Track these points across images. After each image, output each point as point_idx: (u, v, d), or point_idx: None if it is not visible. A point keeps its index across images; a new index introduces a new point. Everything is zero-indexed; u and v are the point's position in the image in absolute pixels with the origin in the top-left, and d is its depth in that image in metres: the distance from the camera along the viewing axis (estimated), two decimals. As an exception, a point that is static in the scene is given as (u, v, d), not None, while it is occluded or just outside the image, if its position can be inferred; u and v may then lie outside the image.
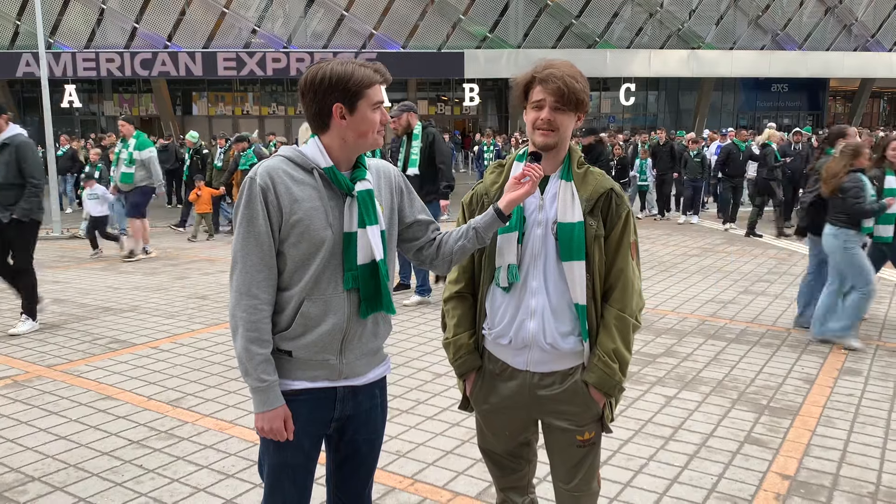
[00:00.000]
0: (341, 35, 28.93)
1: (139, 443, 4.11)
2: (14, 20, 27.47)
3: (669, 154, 14.16)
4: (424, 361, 5.53)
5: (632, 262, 2.28)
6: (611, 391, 2.28)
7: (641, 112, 34.39)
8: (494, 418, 2.43)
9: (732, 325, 6.56)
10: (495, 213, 2.16)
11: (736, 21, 31.29)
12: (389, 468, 3.76)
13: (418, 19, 29.26)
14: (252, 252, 2.02)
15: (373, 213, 2.08)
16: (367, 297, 2.10)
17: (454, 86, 32.55)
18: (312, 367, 2.10)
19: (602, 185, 2.27)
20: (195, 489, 3.58)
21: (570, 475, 2.39)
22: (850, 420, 4.42)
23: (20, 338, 6.26)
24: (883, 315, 6.94)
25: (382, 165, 2.24)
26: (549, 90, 2.16)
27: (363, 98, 2.02)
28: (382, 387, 2.30)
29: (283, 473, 2.15)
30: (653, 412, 4.53)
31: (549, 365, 2.29)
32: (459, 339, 2.40)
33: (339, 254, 2.06)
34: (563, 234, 2.21)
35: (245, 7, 28.91)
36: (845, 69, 32.11)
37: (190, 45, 28.02)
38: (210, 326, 6.64)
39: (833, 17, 31.82)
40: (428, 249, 2.28)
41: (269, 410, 2.04)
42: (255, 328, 2.01)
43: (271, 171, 2.03)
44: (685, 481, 3.65)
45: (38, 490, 3.56)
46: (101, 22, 28.18)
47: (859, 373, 5.28)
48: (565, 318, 2.26)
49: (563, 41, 29.84)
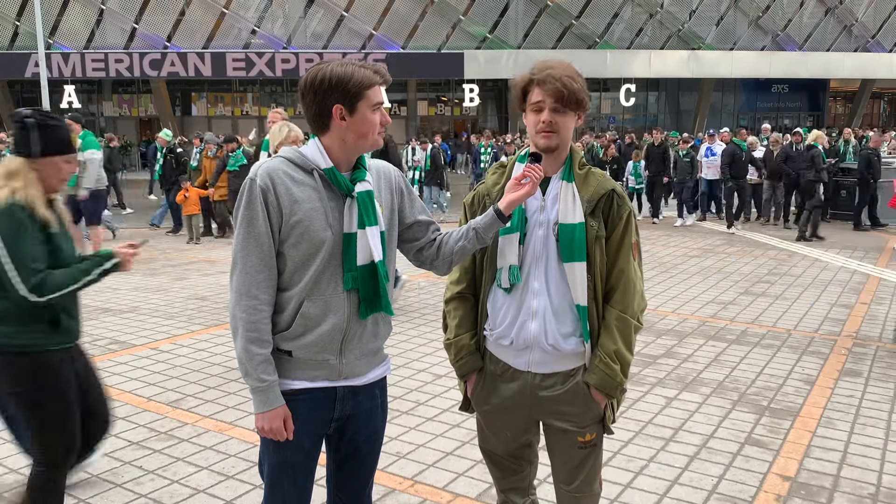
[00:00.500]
0: (341, 35, 28.91)
1: (139, 444, 4.10)
2: (13, 21, 27.47)
3: (662, 156, 14.03)
4: (425, 362, 5.53)
5: (633, 262, 2.28)
6: (612, 392, 2.27)
7: (641, 113, 34.37)
8: (495, 419, 2.42)
9: (733, 327, 6.56)
10: (495, 214, 2.16)
11: (736, 22, 31.28)
12: (389, 469, 3.76)
13: (418, 20, 29.24)
14: (252, 253, 2.02)
15: (372, 214, 2.08)
16: (366, 297, 2.10)
17: (454, 86, 32.54)
18: (312, 367, 2.10)
19: (603, 185, 2.27)
20: (195, 490, 3.57)
21: (572, 476, 2.38)
22: (851, 421, 4.42)
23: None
24: (883, 316, 6.94)
25: (382, 166, 2.24)
26: (547, 92, 2.15)
27: (363, 99, 2.02)
28: (383, 387, 2.30)
29: (282, 473, 2.15)
30: (653, 413, 4.52)
31: (550, 366, 2.29)
32: (461, 340, 2.40)
33: (339, 254, 2.06)
34: (564, 235, 2.21)
35: (245, 7, 28.90)
36: (846, 70, 32.10)
37: (189, 46, 28.01)
38: (210, 327, 6.63)
39: (833, 17, 31.81)
40: (428, 250, 2.28)
41: (269, 410, 2.04)
42: (254, 328, 2.02)
43: (271, 171, 2.03)
44: (685, 482, 3.65)
45: (37, 491, 3.55)
46: (101, 22, 28.17)
47: (860, 374, 5.27)
48: (567, 319, 2.25)
49: (563, 42, 29.83)
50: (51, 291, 2.53)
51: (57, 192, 2.76)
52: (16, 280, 2.48)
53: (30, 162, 2.63)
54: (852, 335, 6.28)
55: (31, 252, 2.52)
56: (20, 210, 2.53)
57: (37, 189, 2.62)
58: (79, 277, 2.62)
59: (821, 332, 6.36)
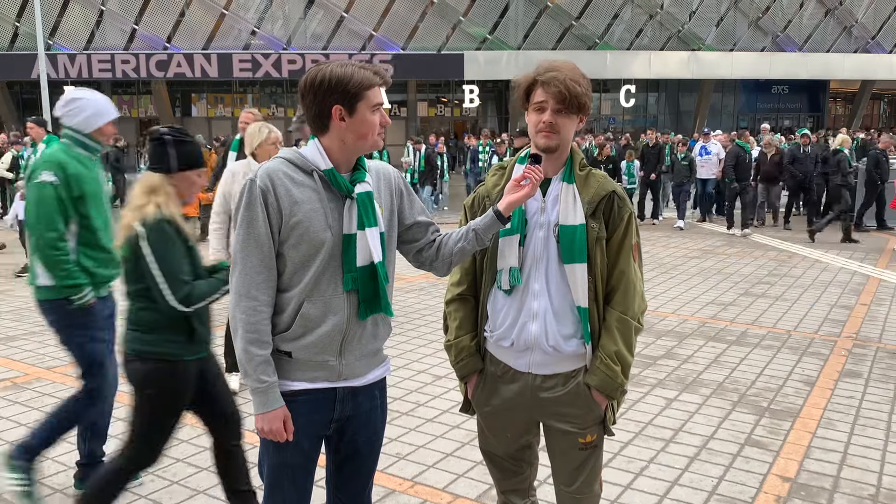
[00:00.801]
0: (341, 37, 28.92)
1: (138, 445, 4.10)
2: (13, 22, 27.47)
3: (657, 157, 13.90)
4: (424, 364, 5.52)
5: (633, 264, 2.27)
6: (613, 393, 2.27)
7: (642, 114, 34.36)
8: (496, 420, 2.42)
9: (733, 328, 6.56)
10: (495, 216, 2.16)
11: (736, 23, 31.28)
12: (389, 470, 3.75)
13: (418, 21, 29.25)
14: (252, 254, 2.01)
15: (372, 216, 2.08)
16: (365, 298, 2.10)
17: (454, 87, 32.55)
18: (312, 368, 2.10)
19: (604, 187, 2.26)
20: (194, 491, 3.57)
21: (572, 478, 2.38)
22: (851, 422, 4.42)
23: (19, 340, 6.25)
24: (883, 317, 6.94)
25: (382, 167, 2.24)
26: (550, 93, 2.15)
27: (362, 100, 2.02)
28: (382, 388, 2.30)
29: (282, 474, 2.15)
30: (653, 414, 4.52)
31: (551, 367, 2.28)
32: (461, 342, 2.40)
33: (339, 255, 2.06)
34: (565, 237, 2.21)
35: (244, 8, 28.91)
36: (845, 71, 32.11)
37: (190, 47, 28.02)
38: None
39: (833, 18, 31.82)
40: (428, 251, 2.28)
41: (269, 411, 2.04)
42: (254, 329, 2.02)
43: (271, 173, 2.03)
44: (685, 483, 3.65)
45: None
46: (101, 23, 28.18)
47: (860, 375, 5.27)
48: (567, 321, 2.25)
49: (563, 43, 29.83)
50: (196, 302, 2.72)
51: (188, 205, 2.92)
52: (166, 291, 2.66)
53: (167, 177, 2.77)
54: (852, 336, 6.28)
55: (179, 265, 2.70)
56: (167, 224, 2.70)
57: (175, 203, 2.77)
58: (218, 287, 2.78)
59: (821, 334, 6.36)
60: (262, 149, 4.67)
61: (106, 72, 27.78)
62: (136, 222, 2.69)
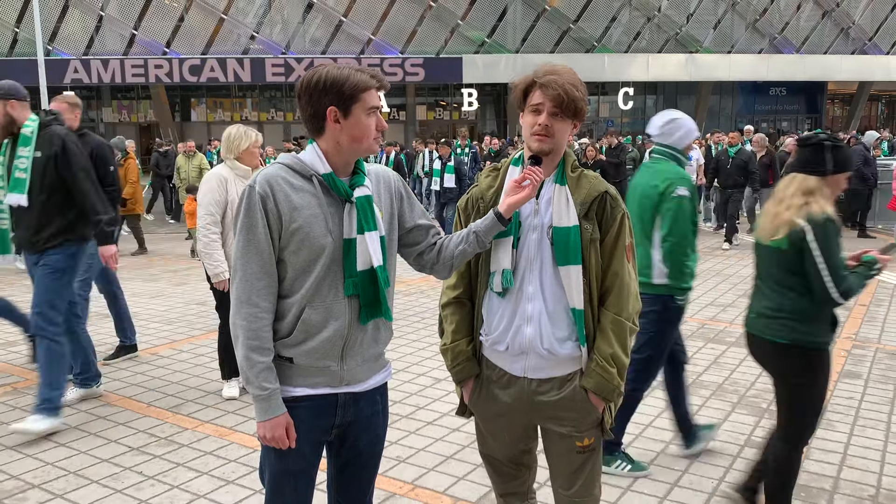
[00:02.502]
0: (339, 41, 28.97)
1: (139, 449, 4.11)
2: (13, 27, 27.51)
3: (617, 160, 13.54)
4: (424, 367, 5.53)
5: (627, 265, 2.27)
6: (609, 396, 2.27)
7: (640, 116, 34.37)
8: (494, 424, 2.42)
9: (732, 329, 6.56)
10: (496, 217, 2.17)
11: (734, 25, 31.35)
12: (389, 474, 3.76)
13: (416, 25, 29.31)
14: (252, 260, 2.02)
15: (371, 220, 2.09)
16: (366, 303, 2.10)
17: (452, 91, 32.59)
18: (313, 374, 2.10)
19: (596, 188, 2.26)
20: (195, 496, 3.57)
21: (571, 481, 2.38)
22: (851, 423, 4.42)
23: (20, 345, 6.25)
24: (882, 317, 6.95)
25: (382, 171, 2.25)
26: (548, 96, 2.16)
27: (358, 102, 2.02)
28: (384, 393, 2.30)
29: (284, 480, 2.15)
30: (652, 416, 4.53)
31: (546, 371, 2.28)
32: (457, 346, 2.39)
33: (340, 260, 2.06)
34: (559, 239, 2.21)
35: (243, 13, 28.96)
36: (843, 72, 32.16)
37: (189, 52, 28.07)
38: (210, 332, 6.63)
39: (830, 20, 31.89)
40: (428, 254, 2.28)
41: (271, 419, 2.04)
42: (255, 336, 2.02)
43: (270, 179, 2.03)
44: (685, 485, 3.65)
45: (38, 497, 3.56)
46: (100, 29, 28.23)
47: (859, 375, 5.28)
48: (562, 324, 2.25)
49: (562, 46, 29.89)
50: (854, 294, 2.90)
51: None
52: (829, 284, 2.85)
53: (822, 180, 2.95)
54: (851, 337, 6.29)
55: (841, 260, 2.88)
56: (832, 223, 2.88)
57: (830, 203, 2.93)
58: (862, 283, 2.93)
59: (820, 335, 6.36)
60: (248, 152, 4.68)
61: (139, 76, 28.06)
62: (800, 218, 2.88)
